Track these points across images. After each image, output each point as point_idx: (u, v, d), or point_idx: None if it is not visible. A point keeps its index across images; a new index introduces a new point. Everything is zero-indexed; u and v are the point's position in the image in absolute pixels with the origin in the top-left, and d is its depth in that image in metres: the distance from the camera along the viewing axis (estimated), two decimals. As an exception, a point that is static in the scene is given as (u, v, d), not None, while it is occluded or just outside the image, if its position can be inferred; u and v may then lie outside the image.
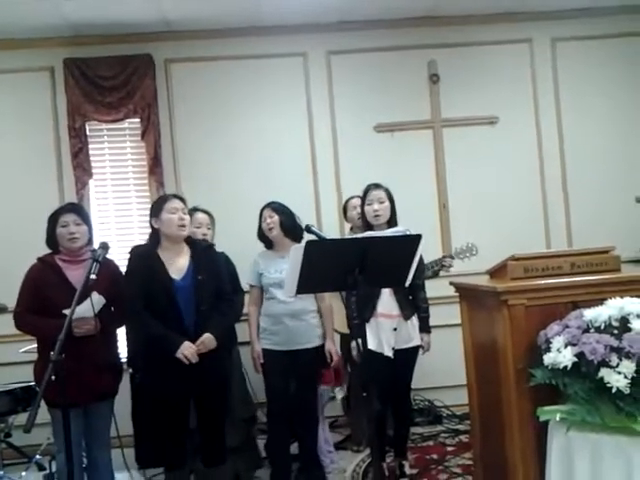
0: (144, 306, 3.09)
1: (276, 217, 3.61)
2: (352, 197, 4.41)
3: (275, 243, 3.67)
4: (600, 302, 2.54)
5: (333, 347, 3.65)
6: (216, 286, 3.25)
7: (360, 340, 2.73)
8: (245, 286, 3.82)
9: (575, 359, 2.38)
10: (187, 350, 3.05)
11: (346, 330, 3.87)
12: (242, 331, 3.86)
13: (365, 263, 2.53)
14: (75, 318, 2.80)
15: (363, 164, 4.90)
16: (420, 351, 3.56)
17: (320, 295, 3.60)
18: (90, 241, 3.20)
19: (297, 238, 3.62)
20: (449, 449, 4.23)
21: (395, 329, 3.45)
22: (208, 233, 3.91)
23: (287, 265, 3.09)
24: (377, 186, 3.62)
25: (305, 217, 3.83)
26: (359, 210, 4.00)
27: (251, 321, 3.66)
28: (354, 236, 3.74)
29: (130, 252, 3.26)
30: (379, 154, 5.00)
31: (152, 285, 3.10)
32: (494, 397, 2.83)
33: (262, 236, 3.71)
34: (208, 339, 3.12)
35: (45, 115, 4.88)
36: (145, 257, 3.18)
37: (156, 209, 3.23)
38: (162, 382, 3.11)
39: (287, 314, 3.53)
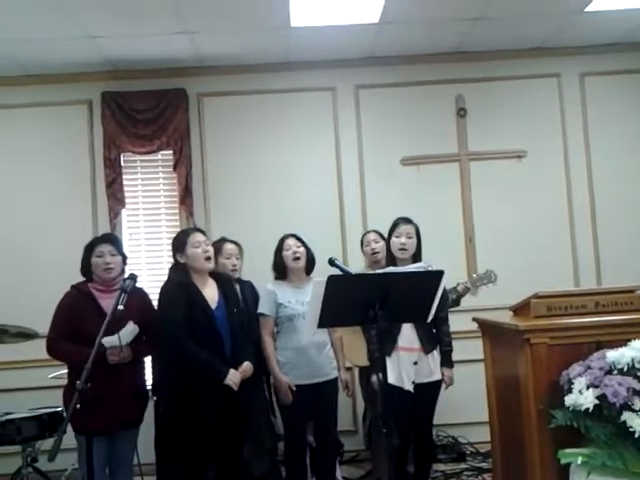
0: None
1: (302, 248, 3.66)
2: (368, 232, 4.35)
3: (292, 274, 3.66)
4: (624, 343, 2.52)
5: (349, 377, 3.70)
6: (244, 316, 3.36)
7: (380, 374, 2.74)
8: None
9: (597, 401, 2.36)
10: (235, 377, 3.12)
11: (365, 363, 3.86)
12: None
13: (387, 298, 2.56)
14: (108, 347, 2.89)
15: (389, 197, 4.93)
16: (442, 386, 3.53)
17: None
18: (123, 271, 3.29)
19: (310, 272, 3.68)
20: (471, 488, 4.16)
21: (415, 363, 3.43)
22: (237, 263, 3.97)
23: (308, 297, 3.12)
24: (407, 220, 3.59)
25: (331, 250, 3.87)
26: (373, 246, 4.09)
27: (270, 351, 3.58)
28: (376, 272, 3.74)
29: (167, 281, 3.32)
30: (405, 187, 5.02)
31: (194, 314, 3.16)
32: (516, 436, 2.81)
33: (280, 265, 3.69)
34: (249, 367, 3.21)
35: (82, 147, 5.02)
36: (185, 286, 3.23)
37: (180, 245, 3.31)
38: (196, 410, 3.10)
39: (313, 346, 3.55)
